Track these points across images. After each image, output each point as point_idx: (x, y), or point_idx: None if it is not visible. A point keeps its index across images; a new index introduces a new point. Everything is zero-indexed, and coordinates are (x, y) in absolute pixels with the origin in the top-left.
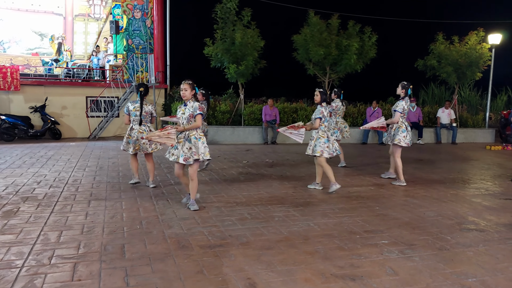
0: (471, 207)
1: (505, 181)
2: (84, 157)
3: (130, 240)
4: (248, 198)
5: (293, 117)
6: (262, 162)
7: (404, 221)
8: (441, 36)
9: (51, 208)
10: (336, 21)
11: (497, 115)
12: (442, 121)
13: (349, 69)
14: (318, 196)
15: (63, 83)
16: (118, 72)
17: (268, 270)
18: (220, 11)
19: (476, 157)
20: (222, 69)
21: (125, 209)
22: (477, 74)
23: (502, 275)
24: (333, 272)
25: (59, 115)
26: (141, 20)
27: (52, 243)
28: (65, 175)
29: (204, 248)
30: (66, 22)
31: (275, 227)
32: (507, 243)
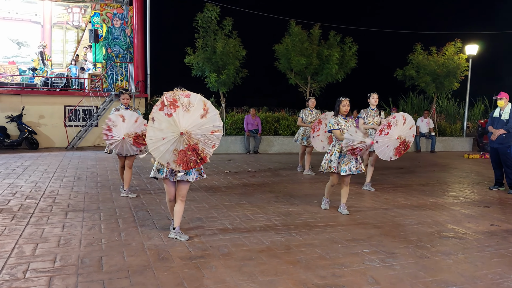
0: (450, 215)
1: (483, 189)
2: (61, 167)
3: (108, 252)
4: (230, 208)
5: (275, 126)
6: (244, 172)
7: (385, 230)
8: (419, 47)
9: (27, 220)
10: (317, 31)
11: (474, 124)
12: (421, 130)
13: (330, 79)
14: (300, 205)
15: (40, 92)
16: (97, 81)
17: (249, 281)
18: (201, 20)
19: (454, 165)
20: (203, 78)
21: (104, 220)
22: (455, 84)
23: (481, 283)
24: (315, 282)
25: (36, 124)
26: (121, 28)
27: (27, 256)
28: (41, 186)
29: (184, 260)
30: (44, 30)
31: (257, 237)
32: (486, 250)
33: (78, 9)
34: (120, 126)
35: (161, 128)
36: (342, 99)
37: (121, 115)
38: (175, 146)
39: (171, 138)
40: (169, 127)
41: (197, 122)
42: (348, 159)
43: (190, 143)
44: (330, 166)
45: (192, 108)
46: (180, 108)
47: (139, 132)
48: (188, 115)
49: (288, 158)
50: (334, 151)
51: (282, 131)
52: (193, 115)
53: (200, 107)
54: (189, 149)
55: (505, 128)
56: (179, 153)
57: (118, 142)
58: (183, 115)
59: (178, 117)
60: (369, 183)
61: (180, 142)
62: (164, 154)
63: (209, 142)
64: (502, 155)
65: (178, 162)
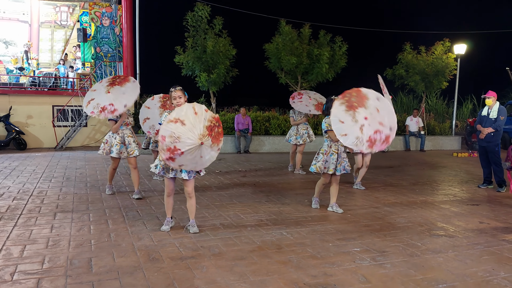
0: (440, 213)
1: (472, 187)
2: (50, 168)
3: (97, 254)
4: (221, 207)
5: (266, 126)
6: (235, 171)
7: (376, 228)
8: (408, 46)
9: (14, 221)
10: (308, 30)
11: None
12: (411, 129)
13: (321, 78)
14: (291, 204)
15: (28, 91)
16: (86, 80)
17: (240, 281)
18: (191, 19)
19: (443, 164)
20: (193, 77)
21: (93, 221)
22: (444, 83)
23: (471, 280)
24: (306, 281)
25: (24, 124)
26: (110, 27)
27: (15, 258)
28: (29, 187)
29: (175, 260)
30: (31, 29)
31: (248, 236)
32: (475, 248)
33: (66, 8)
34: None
35: (194, 124)
36: (334, 97)
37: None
38: (184, 141)
39: (192, 135)
40: (201, 130)
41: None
42: (342, 158)
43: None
44: (327, 167)
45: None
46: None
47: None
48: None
49: (279, 158)
50: (331, 152)
51: (273, 131)
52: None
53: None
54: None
55: (493, 126)
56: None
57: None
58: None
59: (208, 142)
60: (359, 182)
61: (188, 146)
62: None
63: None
64: (491, 153)
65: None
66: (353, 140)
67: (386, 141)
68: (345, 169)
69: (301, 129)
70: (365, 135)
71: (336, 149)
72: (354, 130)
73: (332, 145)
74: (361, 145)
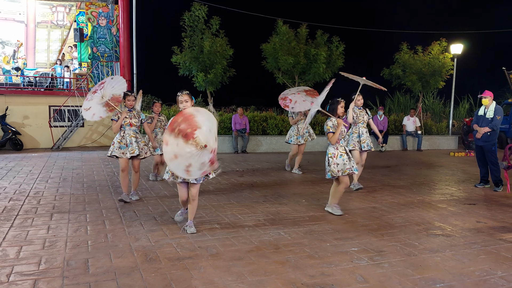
0: (437, 212)
1: (468, 186)
2: (46, 168)
3: (94, 254)
4: (218, 208)
5: (263, 125)
6: (233, 171)
7: (373, 228)
8: (405, 46)
9: (11, 222)
10: (305, 30)
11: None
12: (408, 129)
13: (318, 78)
14: (288, 204)
15: (24, 92)
16: (83, 80)
17: (238, 281)
18: (188, 19)
19: (440, 163)
20: (190, 77)
21: (90, 222)
22: (440, 83)
23: (469, 280)
24: (304, 282)
25: (21, 125)
26: (106, 27)
27: (11, 259)
28: (26, 187)
29: (172, 261)
30: (28, 29)
31: (245, 237)
32: (472, 247)
33: (62, 8)
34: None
35: (185, 150)
36: (340, 100)
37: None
38: (204, 159)
39: (194, 152)
40: (187, 145)
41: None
42: (347, 159)
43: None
44: (341, 170)
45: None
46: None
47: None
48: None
49: (276, 158)
50: (339, 154)
51: (270, 131)
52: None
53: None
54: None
55: (490, 126)
56: (211, 160)
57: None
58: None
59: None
60: (357, 182)
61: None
62: (202, 167)
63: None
64: (487, 152)
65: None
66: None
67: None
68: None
69: (301, 129)
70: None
71: (343, 150)
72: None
73: (338, 147)
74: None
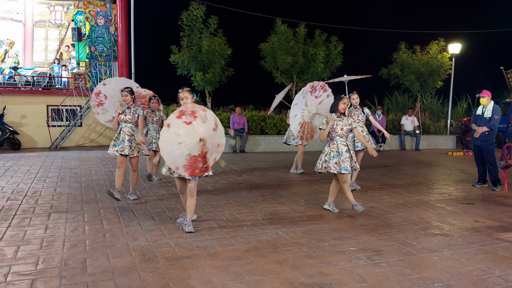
0: (435, 212)
1: (466, 186)
2: (44, 168)
3: (92, 254)
4: (216, 207)
5: (262, 125)
6: (231, 171)
7: (371, 227)
8: (403, 46)
9: (8, 222)
10: (303, 30)
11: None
12: (406, 128)
13: (316, 78)
14: (286, 204)
15: (22, 91)
16: (81, 80)
17: (236, 281)
18: (186, 18)
19: (438, 163)
20: (188, 77)
21: (88, 221)
22: (439, 82)
23: (467, 279)
24: (302, 281)
25: (18, 124)
26: (105, 27)
27: (9, 259)
28: (24, 187)
29: (170, 260)
30: (25, 29)
31: (244, 236)
32: (470, 247)
33: (60, 7)
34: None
35: (179, 133)
36: (343, 96)
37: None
38: (190, 151)
39: (188, 143)
40: (187, 133)
41: (211, 133)
42: (344, 157)
43: (203, 150)
44: (326, 166)
45: (207, 121)
46: (198, 118)
47: None
48: (205, 126)
49: (275, 157)
50: (329, 151)
51: (269, 130)
52: (208, 127)
53: (212, 122)
54: (200, 156)
55: (488, 125)
56: (191, 159)
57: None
58: (202, 125)
59: (197, 125)
60: (355, 182)
61: (196, 148)
62: (177, 158)
63: (214, 154)
64: (485, 152)
65: (186, 167)
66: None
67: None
68: (347, 169)
69: None
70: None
71: (334, 148)
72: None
73: (331, 144)
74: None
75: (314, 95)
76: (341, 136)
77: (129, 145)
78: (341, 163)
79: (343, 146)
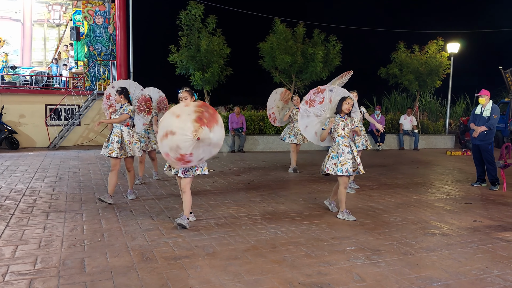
0: (434, 211)
1: (465, 185)
2: (43, 167)
3: (90, 254)
4: (215, 207)
5: (260, 124)
6: (229, 170)
7: (370, 227)
8: (402, 45)
9: (6, 221)
10: (302, 29)
11: (456, 121)
12: (405, 128)
13: (315, 77)
14: (285, 203)
15: (20, 90)
16: (79, 79)
17: (235, 280)
18: (185, 18)
19: (437, 162)
20: (187, 76)
21: (86, 221)
22: (437, 82)
23: (465, 279)
24: (300, 281)
25: (17, 123)
26: (103, 26)
27: (7, 259)
28: (22, 186)
29: (169, 260)
30: (24, 28)
31: (242, 236)
32: (469, 246)
33: (59, 7)
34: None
35: (183, 126)
36: (346, 96)
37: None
38: (184, 145)
39: (187, 137)
40: (191, 128)
41: (206, 139)
42: (345, 159)
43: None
44: (325, 166)
45: (212, 133)
46: (210, 127)
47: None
48: (209, 133)
49: (273, 157)
50: (331, 151)
51: (267, 130)
52: (209, 138)
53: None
54: (182, 155)
55: (487, 125)
56: (181, 156)
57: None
58: (207, 131)
59: (205, 129)
60: (353, 181)
61: (190, 146)
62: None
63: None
64: (484, 151)
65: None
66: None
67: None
68: (347, 171)
69: (296, 128)
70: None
71: (335, 149)
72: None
73: (333, 145)
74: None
75: (318, 102)
76: (343, 137)
77: (118, 147)
78: (339, 164)
79: (344, 147)
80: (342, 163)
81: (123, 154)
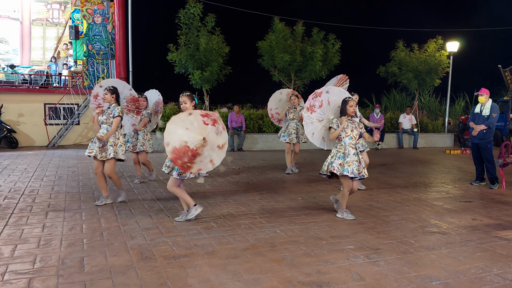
0: (433, 210)
1: (464, 184)
2: (42, 167)
3: (90, 253)
4: (214, 205)
5: (259, 123)
6: (229, 169)
7: (369, 226)
8: (401, 44)
9: (5, 220)
10: (301, 28)
11: (455, 120)
12: (404, 127)
13: (314, 76)
14: (284, 202)
15: (19, 89)
16: (78, 78)
17: (234, 279)
18: (184, 16)
19: (436, 161)
20: (186, 75)
21: (85, 220)
22: (436, 81)
23: (464, 277)
24: (300, 280)
25: (16, 123)
26: (102, 25)
27: (6, 258)
28: (21, 186)
29: (168, 259)
30: (23, 27)
31: (242, 235)
32: (468, 245)
33: (57, 6)
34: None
35: (193, 123)
36: (347, 99)
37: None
38: (189, 140)
39: (193, 135)
40: (199, 128)
41: (213, 144)
42: (350, 160)
43: (198, 149)
44: (327, 168)
45: (219, 136)
46: (215, 128)
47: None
48: (215, 137)
49: (273, 155)
50: (335, 152)
51: (266, 128)
52: (216, 140)
53: (220, 141)
54: (191, 151)
55: (486, 123)
56: (184, 147)
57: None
58: (213, 134)
59: (211, 130)
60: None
61: (195, 142)
62: (174, 137)
63: (203, 163)
64: (483, 150)
65: (175, 151)
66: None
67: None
68: (352, 172)
69: (290, 128)
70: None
71: (341, 149)
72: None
73: (337, 145)
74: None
75: (317, 106)
76: (351, 138)
77: (99, 146)
78: (345, 165)
79: (351, 148)
80: (349, 163)
81: (104, 156)
